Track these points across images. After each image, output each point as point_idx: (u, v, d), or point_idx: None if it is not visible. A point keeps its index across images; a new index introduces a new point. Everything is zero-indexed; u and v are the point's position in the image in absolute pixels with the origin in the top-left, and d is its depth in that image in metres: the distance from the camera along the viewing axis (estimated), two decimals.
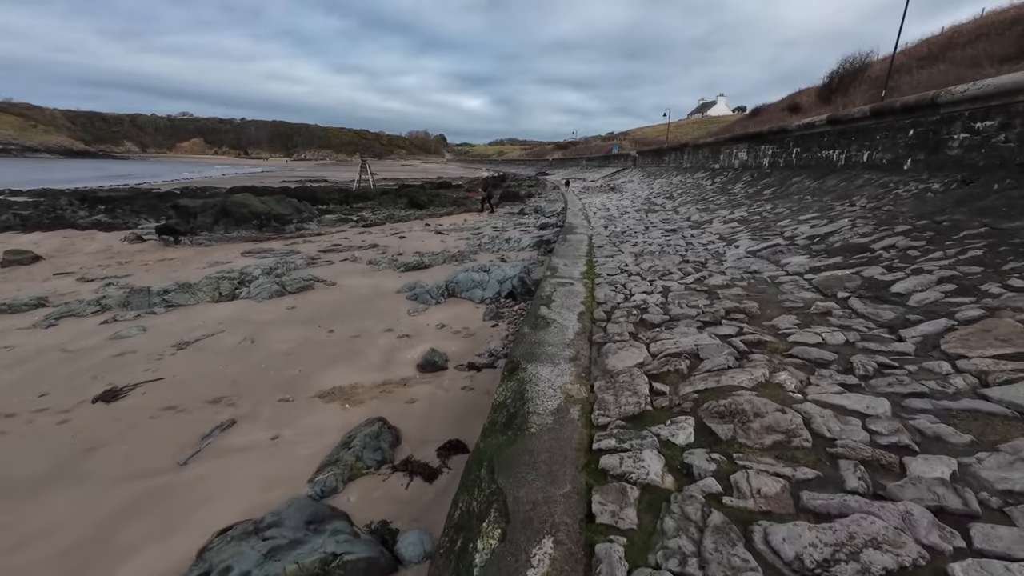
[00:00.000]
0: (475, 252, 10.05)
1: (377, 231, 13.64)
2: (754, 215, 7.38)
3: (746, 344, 2.76)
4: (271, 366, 4.56)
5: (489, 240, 11.11)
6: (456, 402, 3.70)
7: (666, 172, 20.96)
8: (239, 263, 9.69)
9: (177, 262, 10.08)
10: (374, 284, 7.60)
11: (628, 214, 10.54)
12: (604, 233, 8.07)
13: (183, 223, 12.04)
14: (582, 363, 2.78)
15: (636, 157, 33.29)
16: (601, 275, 5.06)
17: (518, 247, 10.32)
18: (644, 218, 9.58)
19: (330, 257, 10.10)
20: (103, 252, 11.33)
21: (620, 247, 6.62)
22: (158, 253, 11.13)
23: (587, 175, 36.75)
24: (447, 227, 13.88)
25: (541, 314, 3.63)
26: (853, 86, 24.96)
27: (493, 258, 9.43)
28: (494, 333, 5.11)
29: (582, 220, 10.15)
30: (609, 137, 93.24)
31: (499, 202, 18.91)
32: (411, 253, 10.14)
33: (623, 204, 13.35)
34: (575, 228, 8.92)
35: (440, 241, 11.56)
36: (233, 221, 12.46)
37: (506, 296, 6.17)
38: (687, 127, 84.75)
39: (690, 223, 7.99)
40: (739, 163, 13.66)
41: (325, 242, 12.05)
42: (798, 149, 10.02)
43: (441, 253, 9.86)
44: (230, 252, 10.91)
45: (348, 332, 5.41)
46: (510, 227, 13.25)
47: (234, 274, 8.24)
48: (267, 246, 11.63)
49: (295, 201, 14.07)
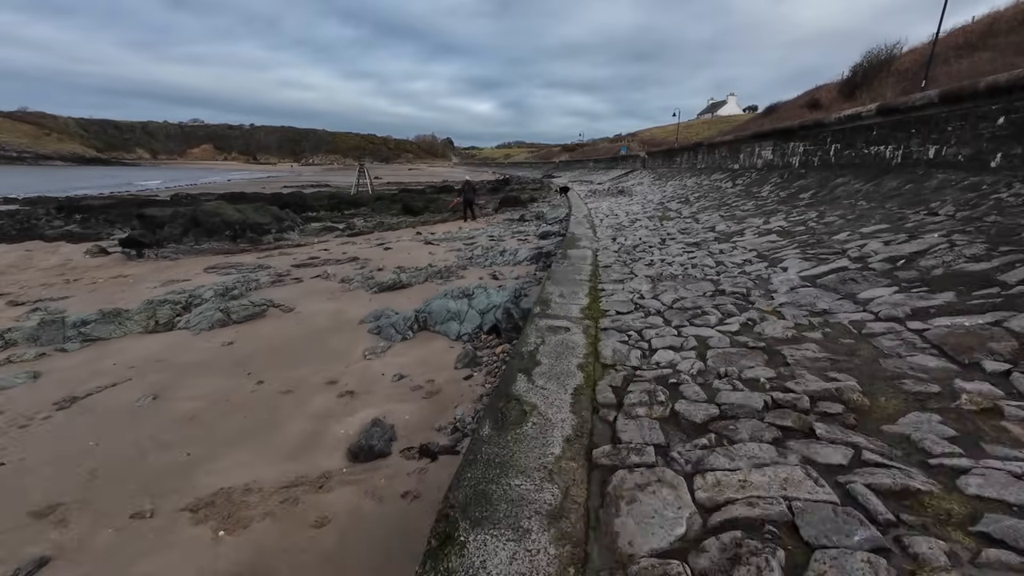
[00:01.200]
0: (464, 267, 8.80)
1: (362, 241, 12.46)
2: (797, 225, 6.02)
3: (882, 496, 1.45)
4: (157, 443, 3.33)
5: (482, 252, 9.85)
6: (388, 525, 2.43)
7: (679, 173, 19.56)
8: (197, 281, 8.54)
9: (130, 280, 8.97)
10: (337, 311, 6.37)
11: (640, 222, 9.22)
12: (612, 247, 6.76)
13: (148, 235, 10.96)
14: (571, 529, 1.49)
15: (645, 158, 31.89)
16: (608, 312, 3.77)
17: (513, 260, 9.04)
18: (659, 227, 8.25)
19: (301, 273, 8.92)
20: (57, 268, 10.27)
21: (632, 267, 5.32)
22: (115, 269, 10.04)
23: (594, 177, 35.39)
24: (439, 236, 12.66)
25: (515, 393, 2.35)
26: (879, 80, 23.35)
27: (484, 275, 8.17)
28: (465, 390, 3.84)
29: (586, 230, 8.86)
30: (617, 139, 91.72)
31: (499, 208, 17.65)
32: (391, 269, 8.92)
33: (633, 210, 12.01)
34: (578, 240, 7.63)
35: (428, 253, 10.33)
36: (204, 232, 11.36)
37: (488, 331, 4.90)
38: (697, 127, 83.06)
39: (716, 235, 6.65)
40: (763, 163, 12.27)
41: (302, 255, 10.89)
42: (838, 145, 8.63)
43: (425, 269, 8.62)
44: (193, 267, 9.78)
45: (280, 384, 4.17)
46: (507, 236, 11.98)
47: (182, 297, 7.08)
48: (237, 260, 10.49)
49: (275, 209, 12.95)
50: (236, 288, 7.61)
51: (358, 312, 6.20)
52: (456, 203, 15.54)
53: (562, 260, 5.93)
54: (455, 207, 15.78)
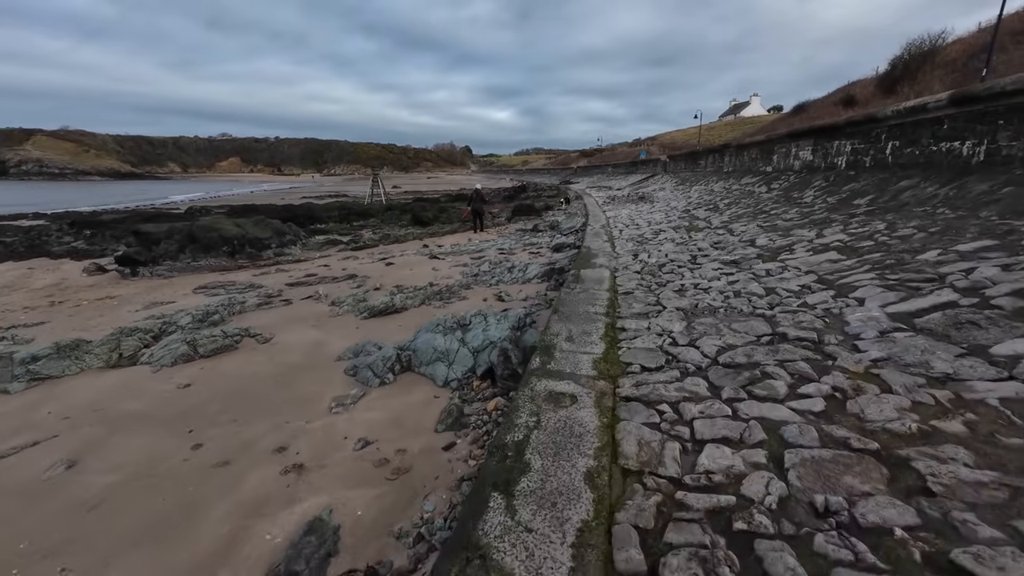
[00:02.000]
0: (468, 286, 7.95)
1: (365, 256, 11.79)
2: (862, 240, 4.94)
3: None
4: (35, 550, 2.55)
5: (489, 269, 8.99)
6: None
7: (703, 177, 18.35)
8: (183, 303, 7.95)
9: (115, 302, 8.45)
10: (317, 342, 5.59)
11: (664, 234, 8.21)
12: (633, 266, 5.79)
13: (143, 252, 10.53)
14: None
15: (666, 162, 30.63)
16: (631, 367, 2.83)
17: (522, 278, 8.15)
18: (687, 240, 7.24)
19: (293, 293, 8.23)
20: (49, 288, 9.89)
21: (659, 295, 4.35)
22: (106, 289, 9.58)
23: (613, 183, 34.27)
24: (446, 249, 11.87)
25: (481, 541, 1.45)
26: (923, 72, 21.64)
27: (489, 295, 7.30)
28: (443, 467, 2.95)
29: (604, 243, 7.90)
30: (636, 143, 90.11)
31: (512, 217, 16.81)
32: (389, 288, 8.15)
33: (656, 218, 10.98)
34: (594, 256, 6.69)
35: (431, 269, 9.53)
36: (201, 248, 10.87)
37: (482, 375, 4.01)
38: (719, 129, 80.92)
39: (758, 250, 5.61)
40: (801, 164, 11.07)
41: (300, 271, 10.25)
42: (897, 142, 7.46)
43: (424, 289, 7.81)
44: (184, 287, 9.23)
45: (219, 451, 3.36)
46: (518, 248, 11.10)
47: (156, 324, 6.44)
48: (231, 278, 9.92)
49: (277, 223, 12.41)
50: (217, 313, 6.94)
51: (339, 345, 5.40)
52: (466, 213, 14.76)
53: (574, 284, 5.00)
54: (466, 217, 14.99)
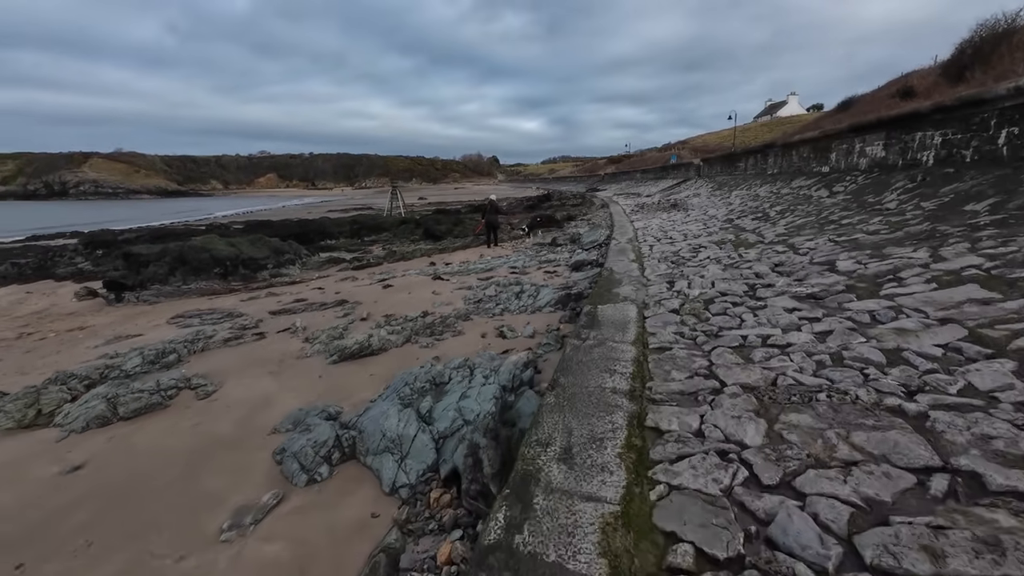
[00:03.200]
0: (467, 316, 6.69)
1: (366, 275, 10.76)
2: (1018, 267, 3.36)
3: None
4: None
5: (495, 293, 7.71)
6: None
7: (744, 181, 16.53)
8: (150, 336, 7.07)
9: (83, 334, 7.68)
10: (263, 400, 4.44)
11: (706, 251, 6.71)
12: (669, 300, 4.35)
13: (131, 276, 9.85)
14: None
15: (700, 165, 28.69)
16: (678, 553, 1.44)
17: (532, 305, 6.81)
18: (736, 260, 5.74)
19: (271, 324, 7.21)
20: (31, 315, 9.31)
21: (710, 355, 2.92)
22: (84, 317, 8.89)
23: (642, 189, 32.49)
24: (454, 268, 10.70)
25: None
26: (998, 56, 19.08)
27: (489, 330, 6.01)
28: None
29: (630, 263, 6.49)
30: (666, 148, 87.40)
31: (533, 229, 15.51)
32: (377, 318, 7.00)
33: (692, 230, 9.44)
34: (617, 284, 5.30)
35: (431, 293, 8.34)
36: (191, 270, 10.11)
37: (446, 479, 2.70)
38: (755, 130, 77.39)
39: (842, 277, 4.07)
40: (869, 162, 9.30)
41: (291, 295, 9.29)
42: (1016, 129, 5.73)
43: (415, 320, 6.61)
44: (162, 315, 8.40)
45: None
46: (532, 267, 9.77)
47: (98, 368, 5.49)
48: (217, 303, 9.06)
49: (276, 241, 11.60)
50: (175, 352, 5.96)
51: (287, 405, 4.23)
52: (480, 227, 13.55)
53: (587, 330, 3.63)
54: (479, 232, 13.78)
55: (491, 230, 13.14)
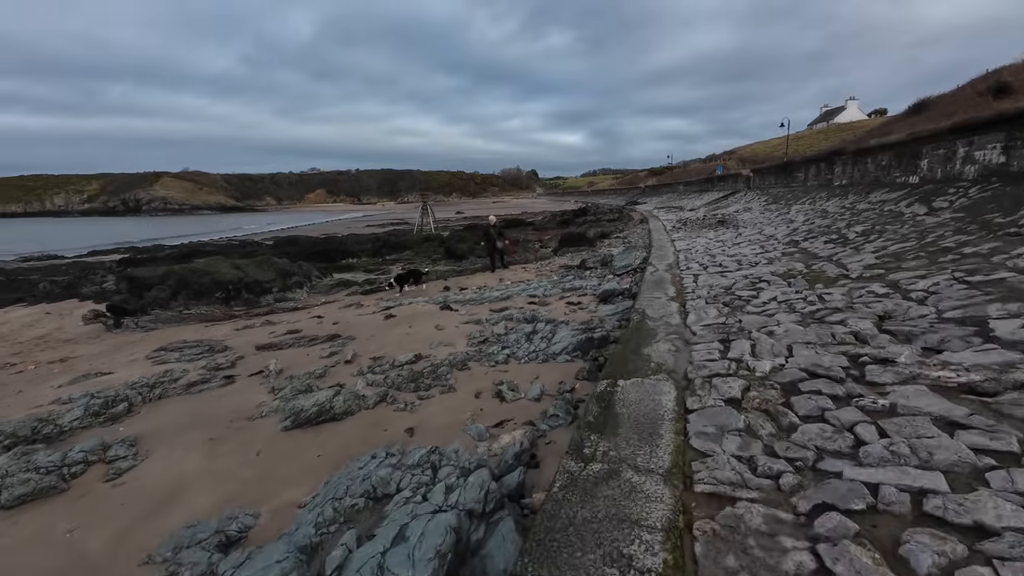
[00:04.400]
0: (465, 362, 5.52)
1: (372, 302, 9.85)
2: None
3: None
4: None
5: (504, 332, 6.49)
6: None
7: (805, 193, 14.53)
8: (122, 373, 6.37)
9: (58, 368, 7.13)
10: (172, 490, 3.43)
11: (769, 287, 5.21)
12: (725, 381, 2.90)
13: (133, 299, 9.43)
14: None
15: (750, 177, 26.41)
16: None
17: (545, 351, 5.54)
18: (816, 306, 4.23)
19: (248, 364, 6.36)
20: (36, 339, 9.02)
21: (815, 546, 1.54)
22: (78, 345, 8.46)
23: (684, 202, 30.44)
24: (468, 295, 9.59)
25: None
26: None
27: (487, 386, 4.81)
28: None
29: (668, 303, 5.11)
30: (710, 159, 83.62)
31: (559, 248, 14.21)
32: (361, 362, 5.96)
33: (747, 254, 7.86)
34: (648, 339, 3.95)
35: (434, 328, 7.24)
36: (193, 294, 9.58)
37: None
38: (809, 138, 72.66)
39: (1017, 355, 2.54)
40: (979, 170, 7.42)
41: (287, 324, 8.50)
42: None
43: (404, 367, 5.51)
44: (150, 344, 7.80)
45: None
46: (554, 296, 8.49)
47: (28, 422, 4.73)
48: (209, 333, 8.38)
49: (284, 262, 10.98)
50: (125, 400, 5.17)
51: (195, 503, 3.19)
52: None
53: (592, 441, 2.34)
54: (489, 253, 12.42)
55: (494, 255, 11.94)
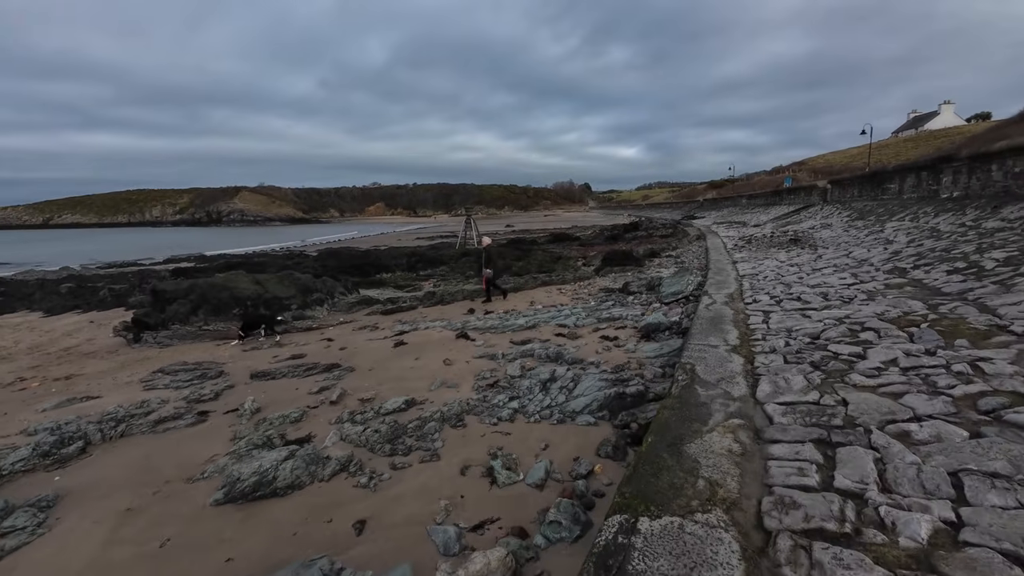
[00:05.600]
0: (462, 415, 4.45)
1: (391, 323, 9.08)
2: None
3: None
4: None
5: (520, 374, 5.35)
6: None
7: (902, 207, 12.21)
8: (110, 399, 5.93)
9: (67, 383, 6.88)
10: None
11: (880, 341, 3.69)
12: (845, 564, 1.63)
13: (154, 314, 9.28)
14: None
15: (827, 188, 23.56)
16: None
17: (562, 406, 4.34)
18: (966, 378, 2.75)
19: (232, 397, 5.70)
20: (65, 350, 9.08)
21: None
22: (95, 360, 8.32)
23: (748, 217, 27.80)
24: (491, 320, 8.54)
25: None
26: None
27: (479, 454, 3.73)
28: None
29: (726, 357, 3.77)
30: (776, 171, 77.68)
31: (601, 267, 12.84)
32: (347, 404, 5.08)
33: (834, 284, 6.22)
34: (692, 436, 2.66)
35: (443, 362, 6.25)
36: (212, 309, 9.30)
37: None
38: (895, 146, 65.74)
39: None
40: None
41: (295, 346, 7.90)
42: None
43: (390, 417, 4.53)
44: (157, 363, 7.44)
45: None
46: (588, 326, 7.22)
47: None
48: (214, 354, 7.95)
49: (307, 278, 10.54)
50: (83, 438, 4.59)
51: None
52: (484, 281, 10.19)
53: None
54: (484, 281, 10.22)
55: (490, 285, 10.04)
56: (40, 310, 13.82)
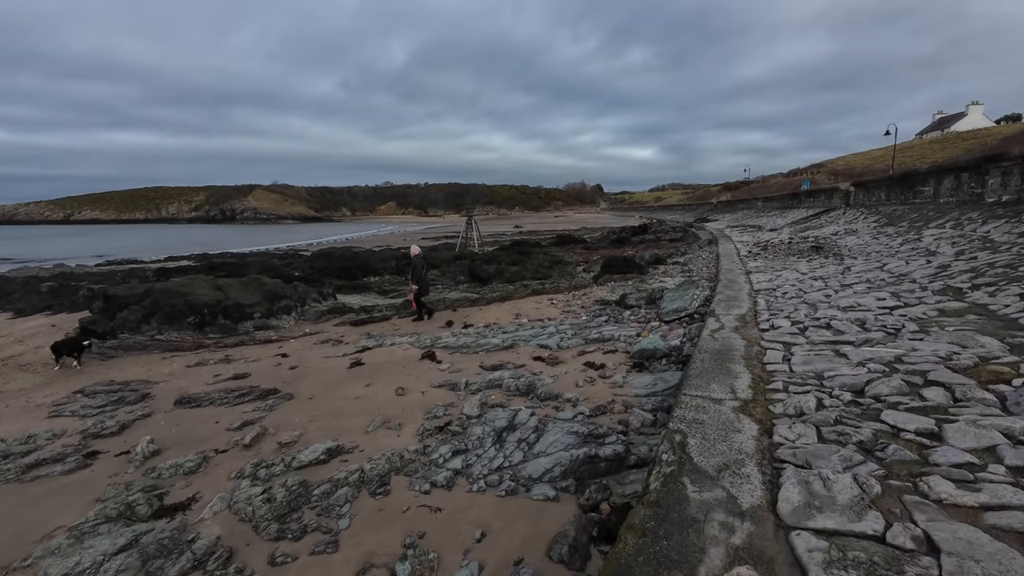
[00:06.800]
0: (391, 473, 3.45)
1: (357, 336, 8.14)
2: None
3: None
4: None
5: (479, 413, 4.34)
6: None
7: (940, 213, 10.90)
8: (5, 430, 5.04)
9: None
10: None
11: (963, 410, 2.59)
12: None
13: (103, 321, 8.47)
14: None
15: (849, 191, 22.09)
16: None
17: (515, 469, 3.32)
18: None
19: (145, 427, 4.80)
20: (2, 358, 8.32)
21: None
22: (21, 373, 7.50)
23: (764, 221, 26.37)
24: (469, 335, 7.53)
25: None
26: None
27: (399, 534, 2.70)
28: None
29: (734, 421, 2.74)
30: (794, 173, 75.33)
31: (601, 275, 11.77)
32: (261, 450, 4.12)
33: (870, 305, 5.11)
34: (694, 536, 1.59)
35: (395, 391, 5.28)
36: (164, 317, 8.45)
37: None
38: (919, 148, 63.28)
39: None
40: None
41: (245, 362, 7.00)
42: None
43: (302, 472, 3.57)
44: (73, 384, 6.57)
45: None
46: (574, 348, 6.17)
47: None
48: (152, 371, 7.07)
49: (276, 283, 9.65)
50: None
51: None
52: (413, 296, 9.10)
53: None
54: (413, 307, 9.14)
55: (418, 303, 8.83)
56: (11, 310, 13.21)
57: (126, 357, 8.02)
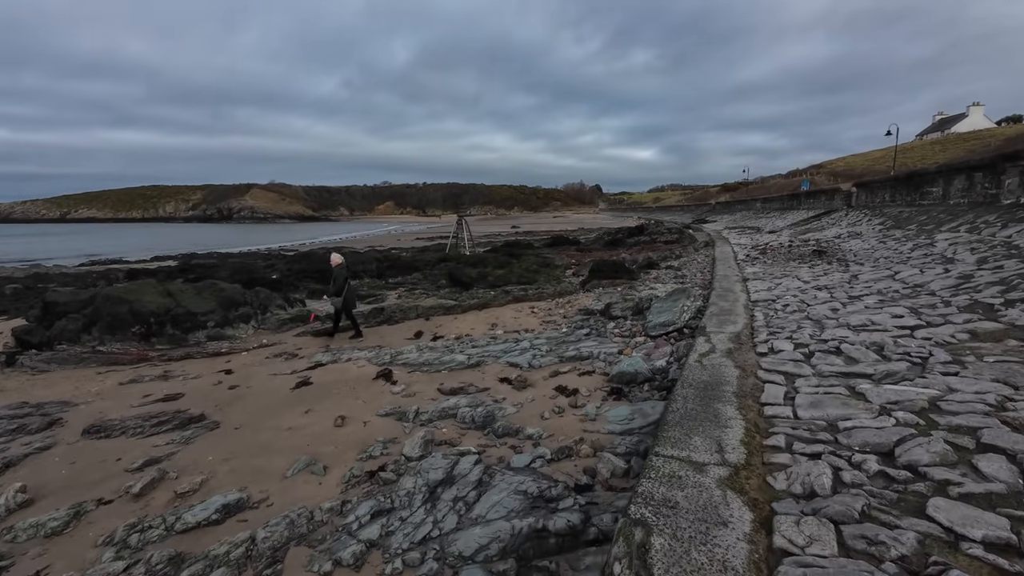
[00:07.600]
0: (294, 540, 2.71)
1: (319, 346, 7.40)
2: None
3: None
4: None
5: (420, 455, 3.61)
6: None
7: (952, 216, 10.19)
8: None
9: None
10: None
11: None
12: None
13: (40, 329, 7.73)
14: None
15: (852, 192, 21.39)
16: None
17: (441, 546, 2.57)
18: None
19: (31, 466, 4.03)
20: None
21: None
22: None
23: (762, 223, 25.65)
24: (435, 349, 6.79)
25: None
26: None
27: None
28: None
29: (721, 510, 2.02)
30: (793, 174, 74.66)
31: (588, 280, 11.01)
32: (153, 502, 3.38)
33: (886, 323, 4.39)
34: None
35: (333, 422, 4.55)
36: (106, 326, 7.71)
37: None
38: (920, 149, 62.65)
39: None
40: None
41: (183, 379, 6.26)
42: None
43: (184, 538, 2.83)
44: None
45: None
46: (547, 366, 5.44)
47: None
48: (77, 389, 6.33)
49: (236, 289, 8.91)
50: None
51: None
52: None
53: None
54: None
55: (340, 314, 8.01)
56: None
57: (59, 371, 7.27)
